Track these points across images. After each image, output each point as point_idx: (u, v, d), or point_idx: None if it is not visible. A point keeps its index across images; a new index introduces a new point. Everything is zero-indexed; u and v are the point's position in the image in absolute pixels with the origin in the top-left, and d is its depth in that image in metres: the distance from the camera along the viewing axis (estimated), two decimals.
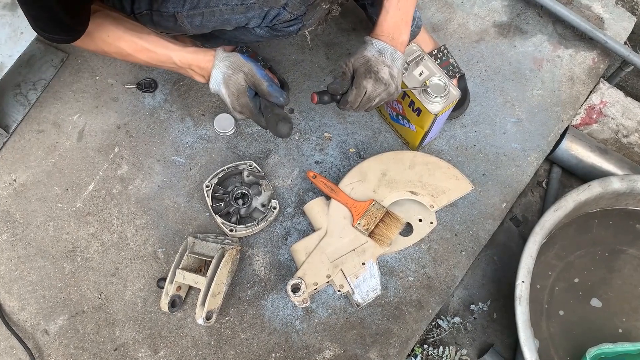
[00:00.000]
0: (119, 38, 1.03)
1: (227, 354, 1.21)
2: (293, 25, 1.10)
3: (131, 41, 1.04)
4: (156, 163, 1.36)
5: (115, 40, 1.03)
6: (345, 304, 1.26)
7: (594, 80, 1.52)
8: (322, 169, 1.38)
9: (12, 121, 1.37)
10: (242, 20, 1.09)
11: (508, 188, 1.38)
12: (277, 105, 1.06)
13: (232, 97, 1.06)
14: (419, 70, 1.21)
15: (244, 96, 1.05)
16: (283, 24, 1.09)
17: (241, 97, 1.05)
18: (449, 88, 1.18)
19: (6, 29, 1.25)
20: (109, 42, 1.03)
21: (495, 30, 1.55)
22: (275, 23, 1.09)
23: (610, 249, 1.36)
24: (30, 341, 1.20)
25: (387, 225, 1.23)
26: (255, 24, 1.10)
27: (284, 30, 1.12)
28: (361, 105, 1.09)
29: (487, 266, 1.43)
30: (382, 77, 1.06)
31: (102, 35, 1.02)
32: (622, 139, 1.54)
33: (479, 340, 1.37)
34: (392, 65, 1.08)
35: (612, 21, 1.57)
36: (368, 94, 1.07)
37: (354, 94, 1.07)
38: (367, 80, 1.06)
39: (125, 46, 1.04)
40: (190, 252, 1.20)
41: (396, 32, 1.10)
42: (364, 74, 1.06)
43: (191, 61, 1.06)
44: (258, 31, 1.14)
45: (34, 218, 1.30)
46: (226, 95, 1.06)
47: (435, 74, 1.20)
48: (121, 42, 1.03)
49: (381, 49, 1.08)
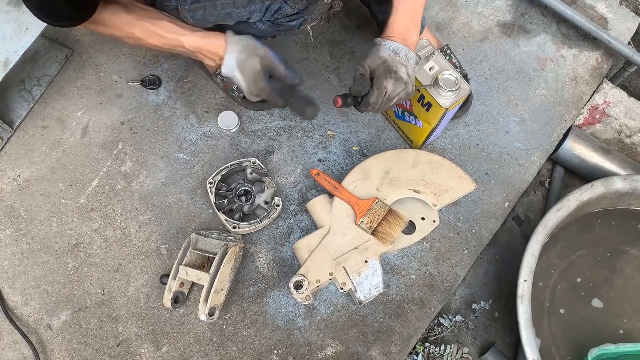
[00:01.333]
0: (131, 24, 1.04)
1: (229, 350, 1.22)
2: (295, 19, 1.10)
3: (142, 26, 1.05)
4: (160, 159, 1.37)
5: (127, 26, 1.04)
6: (348, 301, 1.26)
7: (598, 80, 1.52)
8: (325, 166, 1.38)
9: (16, 117, 1.38)
10: (244, 14, 1.10)
11: (511, 187, 1.38)
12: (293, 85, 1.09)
13: (249, 81, 1.08)
14: (430, 65, 1.21)
15: (260, 80, 1.08)
16: (284, 18, 1.10)
17: (257, 81, 1.08)
18: (460, 82, 1.19)
19: (11, 24, 1.25)
20: (121, 28, 1.05)
21: (499, 30, 1.55)
22: (277, 17, 1.10)
23: (612, 249, 1.36)
24: (33, 336, 1.21)
25: (389, 223, 1.23)
26: (257, 18, 1.10)
27: (286, 24, 1.12)
28: (381, 106, 1.10)
29: (489, 265, 1.43)
30: (401, 76, 1.07)
31: (114, 21, 1.03)
32: (625, 139, 1.54)
33: (481, 338, 1.37)
34: (407, 64, 1.09)
35: (616, 21, 1.57)
36: (388, 94, 1.08)
37: (376, 95, 1.08)
38: (388, 80, 1.06)
39: (137, 32, 1.05)
40: (194, 249, 1.20)
41: (407, 33, 1.11)
42: (384, 74, 1.06)
43: (202, 45, 1.08)
44: (260, 26, 1.14)
45: (37, 213, 1.31)
46: (241, 80, 1.08)
47: (446, 68, 1.20)
48: (133, 28, 1.05)
49: (395, 49, 1.09)
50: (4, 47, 1.24)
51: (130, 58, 1.46)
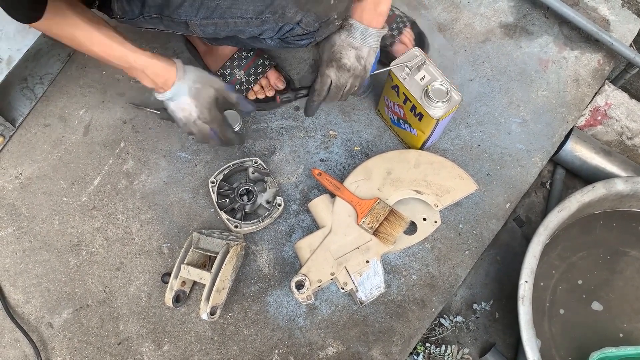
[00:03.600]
0: (75, 26, 1.00)
1: (230, 349, 1.22)
2: (305, 39, 1.10)
3: (87, 31, 1.01)
4: (162, 158, 1.37)
5: (71, 27, 1.00)
6: (349, 301, 1.26)
7: (599, 82, 1.52)
8: (327, 166, 1.38)
9: (18, 115, 1.38)
10: (256, 32, 1.09)
11: (512, 188, 1.38)
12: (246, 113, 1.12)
13: (204, 108, 1.10)
14: (421, 75, 1.21)
15: (214, 108, 1.11)
16: (295, 37, 1.09)
17: (212, 109, 1.11)
18: (450, 93, 1.19)
19: (14, 22, 1.24)
20: (63, 28, 1.00)
21: (502, 31, 1.55)
22: (288, 37, 1.09)
23: (613, 250, 1.36)
24: (34, 334, 1.21)
25: (391, 223, 1.23)
26: (268, 35, 1.10)
27: (295, 43, 1.12)
28: (331, 96, 1.08)
29: (490, 266, 1.44)
30: (344, 63, 1.03)
31: (57, 19, 0.98)
32: (626, 141, 1.54)
33: (481, 339, 1.37)
34: (362, 45, 1.04)
35: (618, 23, 1.58)
36: (334, 83, 1.05)
37: (319, 83, 1.06)
38: (330, 69, 1.04)
39: (80, 35, 1.01)
40: (195, 248, 1.21)
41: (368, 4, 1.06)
42: (326, 62, 1.04)
43: (148, 65, 1.06)
44: (269, 42, 1.14)
45: (39, 212, 1.31)
46: (194, 105, 1.10)
47: (437, 78, 1.20)
48: (76, 30, 1.00)
49: (350, 28, 1.05)
50: (7, 45, 1.24)
51: None
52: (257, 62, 1.36)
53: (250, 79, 1.36)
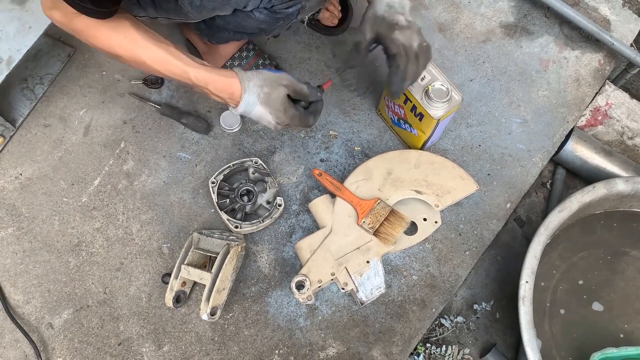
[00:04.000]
0: (136, 43, 0.99)
1: (230, 350, 1.22)
2: (292, 6, 1.09)
3: (148, 48, 1.00)
4: (162, 159, 1.37)
5: (132, 43, 0.99)
6: (349, 301, 1.26)
7: (600, 81, 1.52)
8: (327, 166, 1.38)
9: (18, 115, 1.37)
10: (241, 2, 1.07)
11: (513, 188, 1.38)
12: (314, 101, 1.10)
13: (278, 112, 1.06)
14: (421, 75, 1.21)
15: (291, 107, 1.07)
16: (282, 4, 1.08)
17: (288, 109, 1.06)
18: (451, 93, 1.18)
19: (15, 23, 1.25)
20: (125, 46, 1.00)
21: (502, 31, 1.55)
22: (274, 4, 1.08)
23: (613, 250, 1.36)
24: (35, 335, 1.21)
25: (391, 223, 1.23)
26: (254, 5, 1.08)
27: (283, 12, 1.10)
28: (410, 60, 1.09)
29: (490, 266, 1.43)
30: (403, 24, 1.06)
31: (119, 36, 0.99)
32: (627, 141, 1.54)
33: (482, 339, 1.37)
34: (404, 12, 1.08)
35: (618, 23, 1.57)
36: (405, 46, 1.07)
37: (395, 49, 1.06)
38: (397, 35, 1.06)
39: (141, 53, 1.00)
40: (195, 248, 1.21)
41: None
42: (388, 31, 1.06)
43: (209, 81, 1.04)
44: (258, 15, 1.12)
45: (39, 212, 1.31)
46: (268, 113, 1.06)
47: (438, 78, 1.20)
48: (138, 47, 1.00)
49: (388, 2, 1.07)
50: (7, 45, 1.24)
51: None
52: (258, 61, 1.35)
53: None
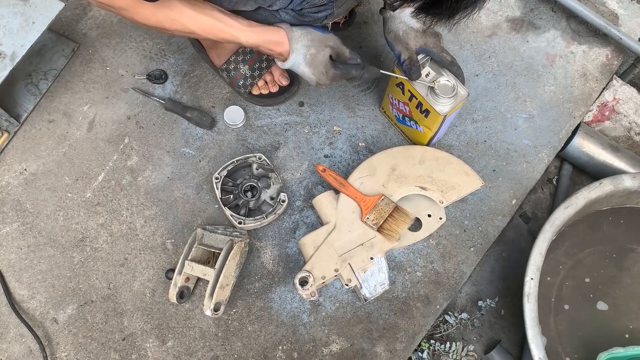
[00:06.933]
0: (183, 14, 1.01)
1: (234, 345, 1.22)
2: (322, 11, 1.08)
3: (196, 18, 1.02)
4: (166, 154, 1.36)
5: (180, 16, 1.01)
6: (353, 298, 1.26)
7: (607, 77, 1.50)
8: (331, 162, 1.37)
9: (23, 110, 1.38)
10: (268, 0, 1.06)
11: (518, 184, 1.37)
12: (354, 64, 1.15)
13: (320, 74, 1.12)
14: (426, 72, 1.20)
15: (332, 69, 1.11)
16: (312, 8, 1.07)
17: (329, 71, 1.12)
18: (457, 88, 1.18)
19: (18, 18, 1.25)
20: (173, 19, 1.01)
21: (508, 25, 1.54)
22: (305, 7, 1.07)
23: (620, 247, 1.35)
24: (39, 329, 1.21)
25: (396, 220, 1.22)
26: (281, 5, 1.07)
27: (312, 16, 1.09)
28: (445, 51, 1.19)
29: (495, 263, 1.43)
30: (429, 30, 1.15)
31: (164, 9, 1.00)
32: (634, 137, 1.52)
33: (486, 336, 1.37)
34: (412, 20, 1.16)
35: (626, 17, 1.55)
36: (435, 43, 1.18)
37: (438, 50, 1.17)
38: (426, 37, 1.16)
39: (191, 24, 1.02)
40: (199, 244, 1.20)
41: None
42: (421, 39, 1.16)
43: (259, 42, 1.08)
44: (283, 15, 1.10)
45: (44, 207, 1.31)
46: (311, 74, 1.13)
47: (443, 74, 1.19)
48: (186, 18, 1.01)
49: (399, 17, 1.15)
50: (11, 40, 1.24)
51: (137, 52, 1.45)
52: (262, 57, 1.35)
53: (254, 74, 1.35)
